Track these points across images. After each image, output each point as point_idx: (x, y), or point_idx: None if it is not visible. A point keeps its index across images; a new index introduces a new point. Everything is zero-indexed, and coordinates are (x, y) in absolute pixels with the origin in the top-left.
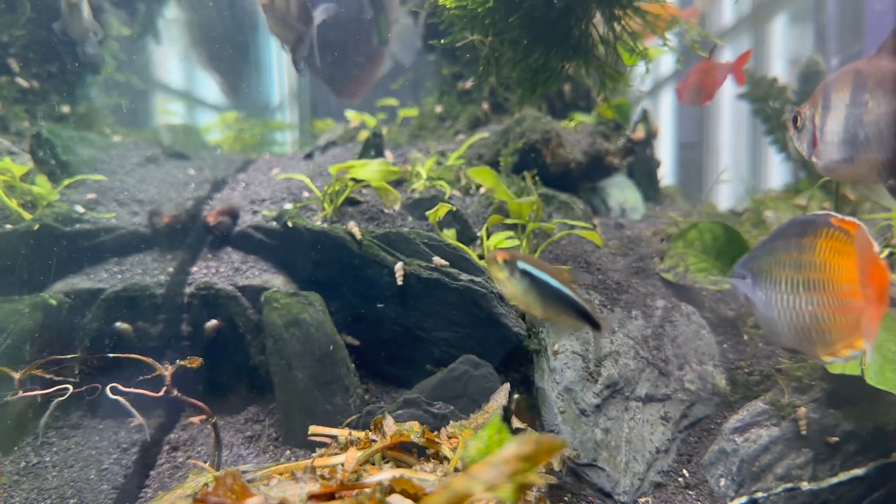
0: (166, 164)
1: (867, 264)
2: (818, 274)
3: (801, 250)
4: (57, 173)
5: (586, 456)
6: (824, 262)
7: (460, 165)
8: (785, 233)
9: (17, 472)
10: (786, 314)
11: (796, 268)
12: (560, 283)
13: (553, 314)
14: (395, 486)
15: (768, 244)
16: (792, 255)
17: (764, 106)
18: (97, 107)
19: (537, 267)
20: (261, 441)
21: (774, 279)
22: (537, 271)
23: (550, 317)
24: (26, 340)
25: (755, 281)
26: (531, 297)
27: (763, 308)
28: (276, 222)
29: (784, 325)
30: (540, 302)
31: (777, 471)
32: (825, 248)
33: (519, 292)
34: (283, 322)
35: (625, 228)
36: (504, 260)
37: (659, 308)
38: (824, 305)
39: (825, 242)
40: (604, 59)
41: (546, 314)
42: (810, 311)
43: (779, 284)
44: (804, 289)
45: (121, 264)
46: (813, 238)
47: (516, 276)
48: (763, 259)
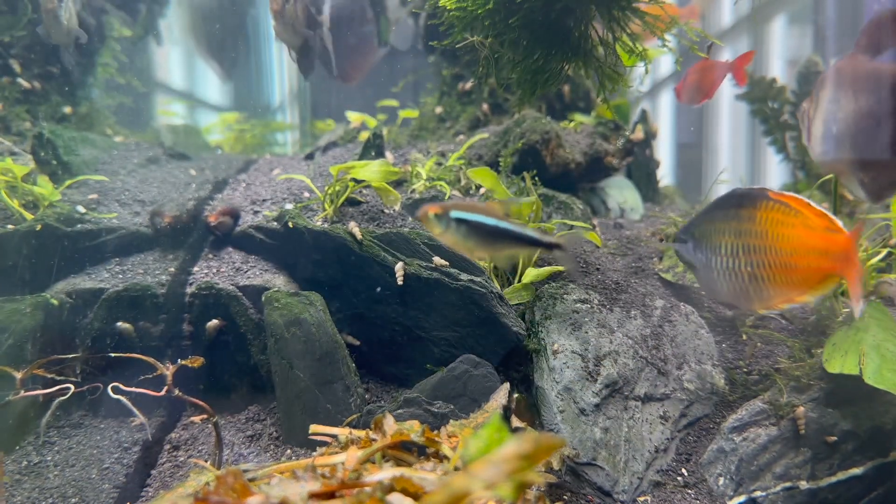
0: (167, 164)
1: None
2: (758, 241)
3: (741, 220)
4: (58, 174)
5: (585, 455)
6: (765, 231)
7: (460, 166)
8: (724, 203)
9: (18, 471)
10: (726, 274)
11: (736, 235)
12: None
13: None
14: (396, 484)
15: (708, 213)
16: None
17: (763, 106)
18: (99, 107)
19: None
20: (262, 440)
21: (714, 244)
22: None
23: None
24: (28, 340)
25: (696, 245)
26: (473, 241)
27: (703, 269)
28: (277, 222)
29: (724, 283)
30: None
31: (776, 470)
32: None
33: (460, 240)
34: (284, 322)
35: (624, 228)
36: (436, 214)
37: (658, 308)
38: (764, 267)
39: (765, 213)
40: (603, 61)
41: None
42: (749, 272)
43: (719, 249)
44: (744, 253)
45: (122, 264)
46: (752, 209)
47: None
48: (703, 226)
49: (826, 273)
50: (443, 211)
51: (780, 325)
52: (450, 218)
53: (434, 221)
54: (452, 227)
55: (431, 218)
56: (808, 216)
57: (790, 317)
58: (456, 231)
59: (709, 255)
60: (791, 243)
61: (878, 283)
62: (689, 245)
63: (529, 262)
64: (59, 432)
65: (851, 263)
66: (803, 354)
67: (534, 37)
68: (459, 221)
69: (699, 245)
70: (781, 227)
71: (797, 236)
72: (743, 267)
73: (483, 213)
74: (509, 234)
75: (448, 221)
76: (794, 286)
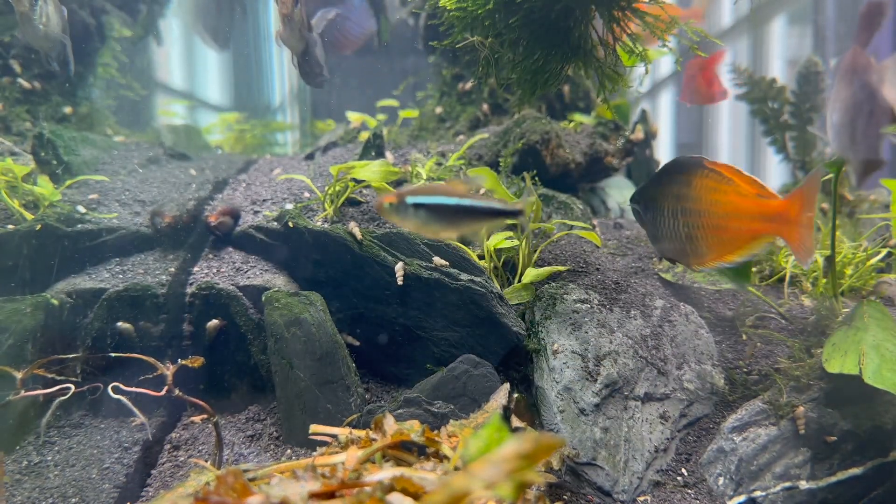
0: (168, 164)
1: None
2: (694, 205)
3: (680, 185)
4: (59, 174)
5: (585, 455)
6: (699, 196)
7: (460, 166)
8: (668, 171)
9: (18, 470)
10: (667, 233)
11: (676, 199)
12: (458, 197)
13: (467, 227)
14: (396, 484)
15: (655, 179)
16: (672, 188)
17: (763, 106)
18: (99, 107)
19: (428, 193)
20: (262, 440)
21: (659, 206)
22: (429, 198)
23: (468, 230)
24: (28, 340)
25: (645, 207)
26: (436, 223)
27: (651, 227)
28: (278, 222)
29: (666, 241)
30: (447, 224)
31: (775, 470)
32: (700, 185)
33: (422, 225)
34: (285, 321)
35: (624, 228)
36: (391, 203)
37: (658, 308)
38: (699, 228)
39: (700, 181)
40: (603, 61)
41: (462, 231)
42: (686, 232)
43: (662, 210)
44: (682, 215)
45: (122, 264)
46: (690, 176)
47: (411, 212)
48: (651, 190)
49: (756, 234)
50: (398, 199)
51: (780, 325)
52: (407, 204)
53: (391, 211)
54: (411, 213)
55: (388, 208)
56: (740, 184)
57: (790, 317)
58: (416, 216)
59: (654, 216)
60: (723, 208)
61: (878, 283)
62: (641, 206)
63: (529, 262)
64: (59, 432)
65: (791, 224)
66: (803, 354)
67: (534, 37)
68: (417, 206)
69: (647, 207)
70: (714, 194)
71: (728, 202)
72: (681, 227)
73: (442, 194)
74: (471, 209)
75: (406, 208)
76: (726, 246)
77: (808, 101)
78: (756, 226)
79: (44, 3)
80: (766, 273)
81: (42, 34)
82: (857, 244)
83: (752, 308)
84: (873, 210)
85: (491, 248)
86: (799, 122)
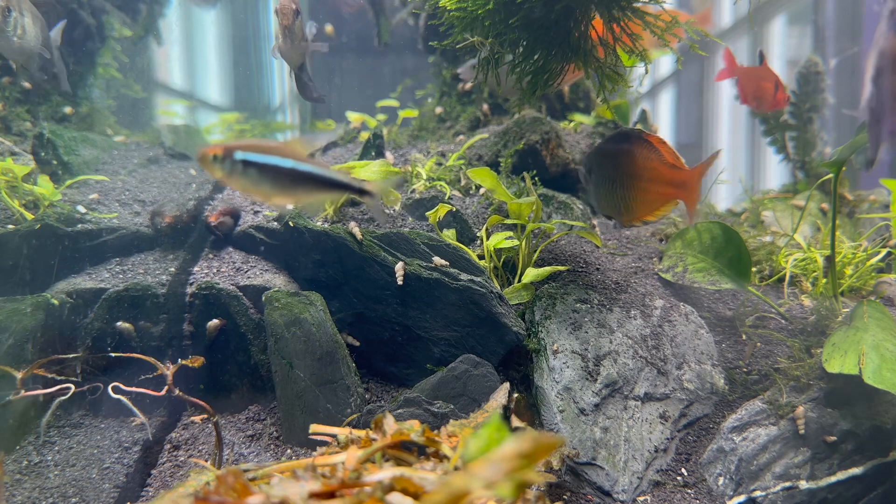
0: (168, 164)
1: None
2: (628, 169)
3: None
4: (59, 174)
5: (585, 454)
6: (633, 163)
7: (460, 166)
8: (609, 140)
9: (19, 470)
10: (606, 193)
11: (615, 165)
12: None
13: (303, 196)
14: (396, 484)
15: (599, 146)
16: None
17: None
18: (99, 107)
19: (260, 151)
20: (262, 440)
21: (602, 170)
22: (261, 157)
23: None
24: (28, 340)
25: (589, 171)
26: (266, 186)
27: (594, 189)
28: (278, 222)
29: (604, 199)
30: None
31: (775, 469)
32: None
33: (249, 184)
34: (285, 321)
35: (623, 228)
36: (216, 155)
37: (658, 308)
38: (630, 189)
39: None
40: (603, 61)
41: (297, 198)
42: (621, 193)
43: (604, 174)
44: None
45: (123, 264)
46: (628, 146)
47: (238, 168)
48: (595, 157)
49: (669, 198)
50: (224, 151)
51: (779, 325)
52: (234, 160)
53: (214, 164)
54: (239, 169)
55: (210, 160)
56: (664, 154)
57: (790, 317)
58: (243, 174)
59: (597, 179)
60: (649, 174)
61: (878, 283)
62: (586, 170)
63: (529, 262)
64: (59, 432)
65: (691, 192)
66: (803, 354)
67: (534, 37)
68: (247, 164)
69: (591, 171)
70: (645, 161)
71: (653, 168)
72: (617, 189)
73: (277, 154)
74: (310, 176)
75: (233, 163)
76: (649, 206)
77: (808, 101)
78: (670, 191)
79: (19, 15)
80: (766, 273)
81: (17, 47)
82: (856, 244)
83: (751, 308)
84: (873, 210)
85: (491, 248)
86: (799, 122)
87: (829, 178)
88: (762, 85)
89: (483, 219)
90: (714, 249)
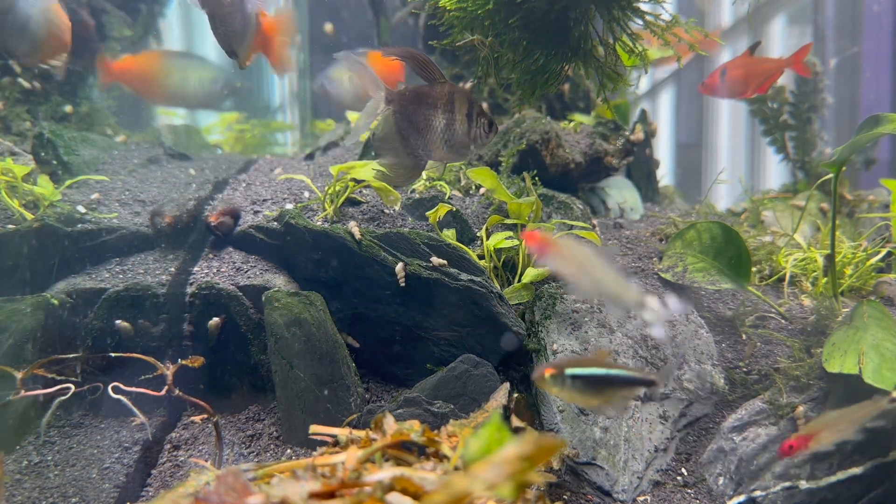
0: (168, 164)
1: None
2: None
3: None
4: (59, 174)
5: (585, 454)
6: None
7: (460, 166)
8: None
9: (19, 470)
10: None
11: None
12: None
13: (612, 398)
14: (396, 484)
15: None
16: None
17: (762, 106)
18: (99, 107)
19: (583, 366)
20: (262, 440)
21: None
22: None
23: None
24: (28, 340)
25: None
26: (588, 394)
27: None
28: (278, 222)
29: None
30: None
31: (775, 469)
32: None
33: (577, 396)
34: (285, 321)
35: (623, 228)
36: (552, 375)
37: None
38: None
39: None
40: (603, 61)
41: (607, 401)
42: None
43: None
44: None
45: (123, 264)
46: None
47: (568, 383)
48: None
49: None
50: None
51: (779, 324)
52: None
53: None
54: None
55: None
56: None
57: (790, 317)
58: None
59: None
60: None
61: (878, 282)
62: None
63: (529, 262)
64: (59, 432)
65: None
66: (803, 354)
67: (534, 37)
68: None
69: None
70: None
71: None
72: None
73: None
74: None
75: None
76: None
77: (807, 102)
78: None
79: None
80: (766, 273)
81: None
82: (856, 244)
83: (751, 308)
84: (873, 210)
85: (491, 248)
86: (798, 122)
87: (829, 178)
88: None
89: (483, 219)
90: (714, 249)
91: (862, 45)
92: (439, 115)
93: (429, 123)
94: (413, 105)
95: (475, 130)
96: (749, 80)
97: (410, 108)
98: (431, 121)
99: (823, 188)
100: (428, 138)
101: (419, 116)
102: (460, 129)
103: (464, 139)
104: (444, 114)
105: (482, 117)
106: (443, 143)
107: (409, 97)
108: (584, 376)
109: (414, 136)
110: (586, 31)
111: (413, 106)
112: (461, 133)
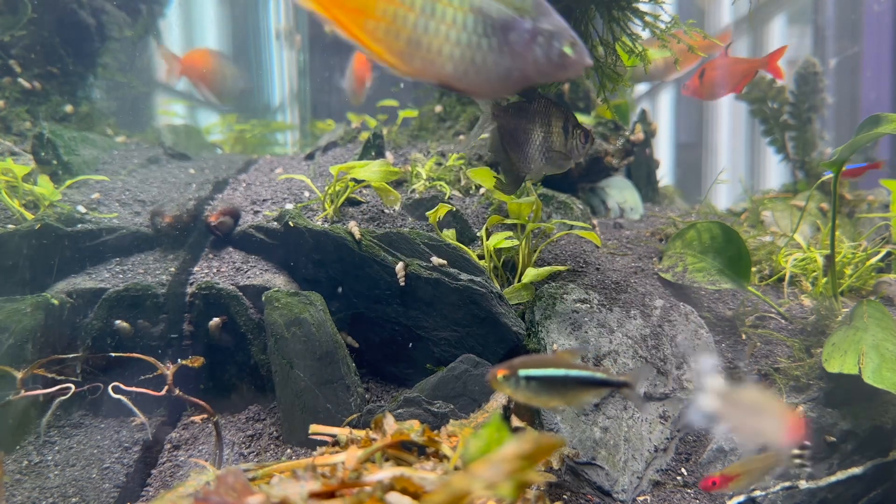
0: (168, 164)
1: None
2: None
3: None
4: (59, 174)
5: (585, 454)
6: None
7: (460, 166)
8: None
9: (19, 470)
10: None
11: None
12: (566, 368)
13: (574, 398)
14: (396, 484)
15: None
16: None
17: (762, 106)
18: (99, 107)
19: (537, 366)
20: (262, 440)
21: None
22: (538, 371)
23: (574, 400)
24: (28, 340)
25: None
26: (545, 395)
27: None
28: (278, 222)
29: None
30: (557, 396)
31: (775, 469)
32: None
33: (532, 396)
34: (285, 321)
35: (623, 228)
36: (504, 375)
37: (657, 308)
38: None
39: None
40: (603, 61)
41: (569, 401)
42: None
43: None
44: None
45: (123, 264)
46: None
47: (522, 384)
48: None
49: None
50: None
51: (779, 324)
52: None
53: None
54: (523, 385)
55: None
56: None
57: (790, 317)
58: (527, 388)
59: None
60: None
61: (877, 282)
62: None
63: (529, 262)
64: (59, 432)
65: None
66: (803, 354)
67: None
68: (529, 379)
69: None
70: None
71: None
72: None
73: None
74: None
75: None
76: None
77: (807, 102)
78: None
79: None
80: (766, 273)
81: None
82: (856, 244)
83: (751, 308)
84: (873, 210)
85: (491, 248)
86: (798, 122)
87: (829, 178)
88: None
89: (483, 219)
90: (714, 249)
91: (862, 44)
92: (537, 129)
93: (528, 137)
94: (514, 119)
95: (571, 142)
96: (726, 80)
97: (512, 122)
98: (530, 134)
99: (823, 188)
100: (527, 151)
101: (519, 131)
102: (557, 141)
103: (560, 151)
104: (542, 127)
105: (578, 129)
106: (541, 156)
107: (510, 112)
108: (539, 377)
109: (515, 149)
110: (586, 31)
111: (514, 120)
112: (558, 145)
